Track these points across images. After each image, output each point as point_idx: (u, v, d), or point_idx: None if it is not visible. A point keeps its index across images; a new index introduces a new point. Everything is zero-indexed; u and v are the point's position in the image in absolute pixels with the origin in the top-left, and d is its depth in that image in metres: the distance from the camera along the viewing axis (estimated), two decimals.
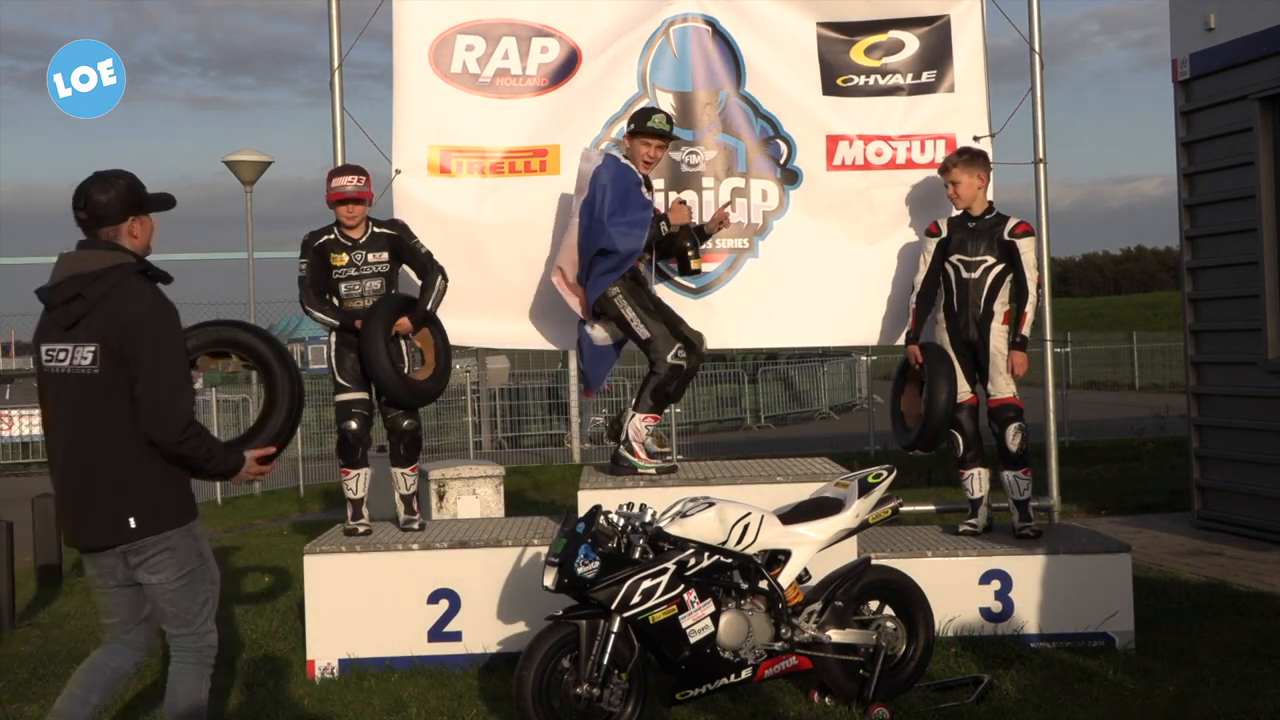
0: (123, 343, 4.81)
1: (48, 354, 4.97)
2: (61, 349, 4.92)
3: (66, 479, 5.00)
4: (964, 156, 7.84)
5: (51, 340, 4.96)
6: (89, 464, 4.92)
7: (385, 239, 7.84)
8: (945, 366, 7.72)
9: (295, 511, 16.27)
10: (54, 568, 11.00)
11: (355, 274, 7.78)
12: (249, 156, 20.47)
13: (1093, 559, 7.52)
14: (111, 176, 5.00)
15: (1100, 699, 6.33)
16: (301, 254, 7.79)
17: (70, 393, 4.92)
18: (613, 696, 5.83)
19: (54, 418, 5.01)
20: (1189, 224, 11.57)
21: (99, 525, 4.94)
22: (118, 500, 4.90)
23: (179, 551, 5.01)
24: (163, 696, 5.40)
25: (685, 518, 6.10)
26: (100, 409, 4.87)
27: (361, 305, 7.77)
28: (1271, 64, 10.46)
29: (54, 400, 5.00)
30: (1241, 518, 10.95)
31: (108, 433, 4.88)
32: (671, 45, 8.50)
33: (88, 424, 4.90)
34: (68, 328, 4.89)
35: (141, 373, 4.81)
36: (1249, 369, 10.88)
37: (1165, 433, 18.27)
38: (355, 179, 7.75)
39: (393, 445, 8.00)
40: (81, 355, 4.87)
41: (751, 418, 27.21)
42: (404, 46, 8.49)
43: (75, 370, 4.89)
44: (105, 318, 4.83)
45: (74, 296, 4.86)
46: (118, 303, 4.84)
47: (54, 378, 4.97)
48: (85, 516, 4.97)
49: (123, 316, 4.82)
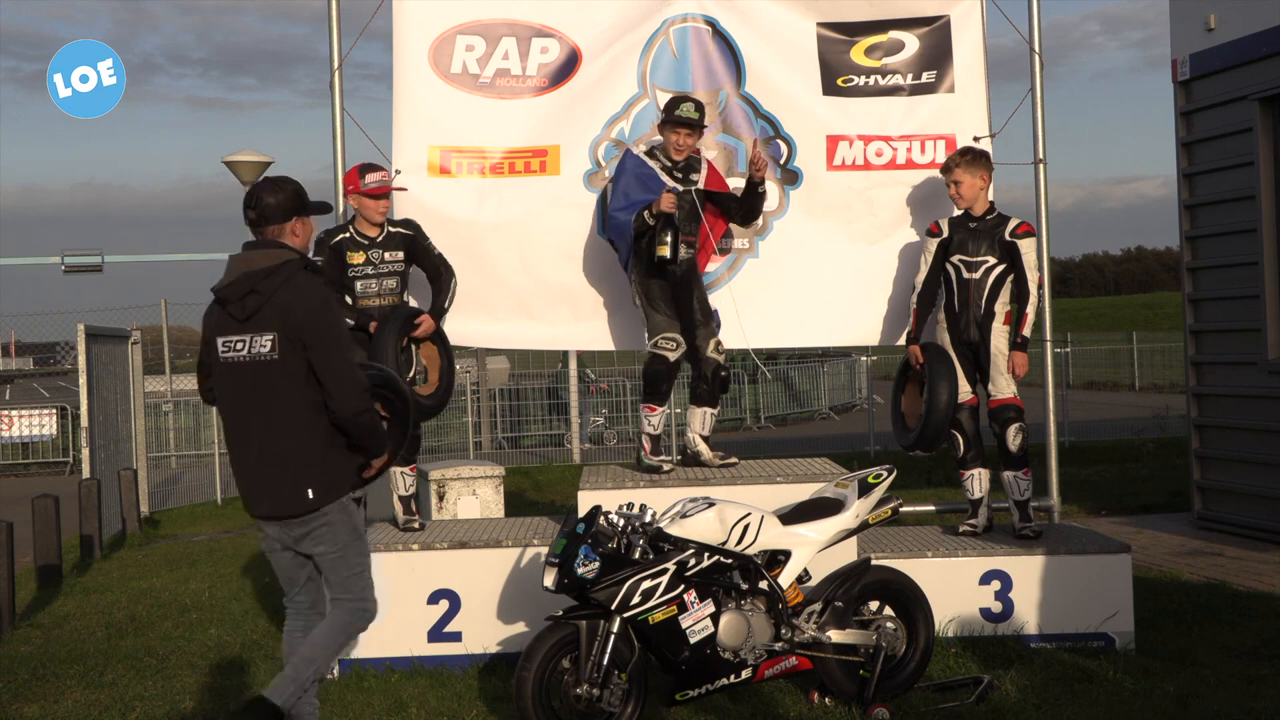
0: (300, 331, 5.32)
1: (224, 345, 5.44)
2: (239, 340, 5.40)
3: (245, 456, 5.50)
4: (966, 156, 7.83)
5: (227, 333, 5.42)
6: (268, 441, 5.42)
7: (401, 238, 7.86)
8: (946, 367, 7.71)
9: None
10: (54, 568, 11.00)
11: (373, 272, 7.79)
12: (249, 157, 20.44)
13: (1093, 559, 7.52)
14: (280, 181, 5.60)
15: (1100, 699, 6.33)
16: (315, 252, 7.77)
17: (248, 378, 5.40)
18: (613, 697, 5.84)
19: (231, 402, 5.50)
20: (1189, 224, 11.57)
21: (278, 497, 5.44)
22: (295, 474, 5.40)
23: (335, 526, 5.49)
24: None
25: (685, 518, 6.10)
26: (278, 391, 5.37)
27: (377, 304, 7.79)
28: (1271, 64, 10.45)
29: (231, 386, 5.48)
30: (1242, 518, 10.94)
31: (285, 412, 5.38)
32: (671, 45, 8.51)
33: (266, 405, 5.39)
34: (244, 320, 5.37)
35: (319, 356, 5.34)
36: (1249, 369, 10.87)
37: (1165, 433, 18.28)
38: (387, 174, 7.81)
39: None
40: (260, 344, 5.36)
41: (751, 418, 27.21)
42: (404, 47, 8.49)
43: (254, 358, 5.38)
44: (279, 309, 5.32)
45: (249, 292, 5.35)
46: (289, 295, 5.34)
47: (231, 366, 5.44)
48: (264, 489, 5.47)
49: (296, 307, 5.33)
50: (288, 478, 5.40)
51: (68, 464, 22.55)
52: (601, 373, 26.61)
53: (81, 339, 13.59)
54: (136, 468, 15.36)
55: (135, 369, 15.89)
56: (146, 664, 7.77)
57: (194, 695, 7.03)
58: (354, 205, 7.81)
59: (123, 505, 14.21)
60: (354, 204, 7.80)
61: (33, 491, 12.45)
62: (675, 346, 7.75)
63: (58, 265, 26.87)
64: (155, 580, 10.82)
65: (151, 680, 7.40)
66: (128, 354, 15.68)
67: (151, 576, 11.06)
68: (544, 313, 8.51)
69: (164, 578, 10.95)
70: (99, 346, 14.26)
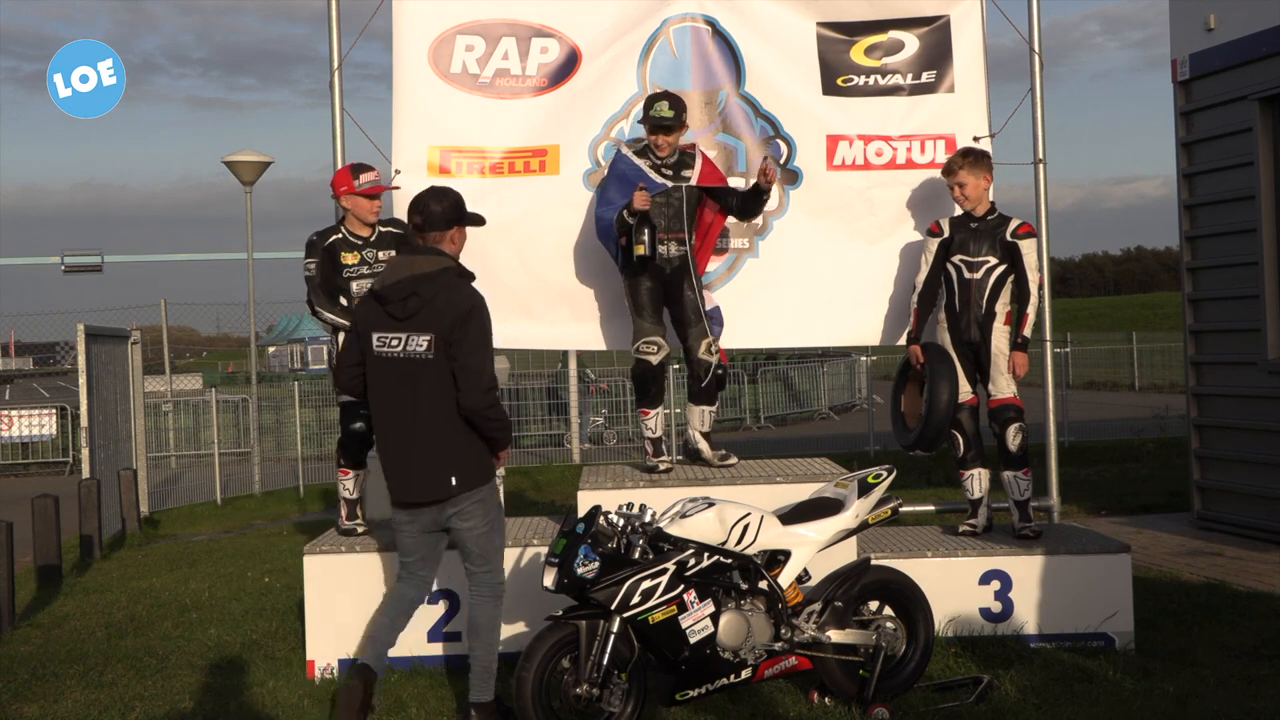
0: (452, 332, 5.85)
1: (379, 340, 5.97)
2: (395, 337, 5.93)
3: (393, 445, 6.03)
4: (969, 158, 7.82)
5: (384, 330, 5.95)
6: (417, 432, 5.93)
7: (392, 237, 7.85)
8: (946, 367, 7.71)
9: (295, 512, 16.27)
10: (54, 568, 11.01)
11: (368, 272, 7.78)
12: (249, 157, 20.44)
13: (1092, 559, 7.52)
14: (444, 191, 6.21)
15: (1100, 699, 6.33)
16: (308, 254, 7.75)
17: (401, 374, 5.93)
18: (612, 697, 5.84)
19: (382, 395, 6.01)
20: (1189, 224, 11.57)
21: (426, 483, 5.98)
22: (442, 462, 5.94)
23: (487, 504, 6.09)
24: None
25: (685, 518, 6.10)
26: (430, 388, 5.89)
27: None
28: (1271, 64, 10.45)
29: (383, 380, 5.99)
30: (1241, 518, 10.94)
31: (435, 407, 5.90)
32: (671, 45, 8.50)
33: (418, 400, 5.91)
34: (403, 320, 5.90)
35: (461, 354, 5.86)
36: (1249, 369, 10.87)
37: (1165, 433, 18.28)
38: (379, 174, 7.84)
39: None
40: (417, 343, 5.89)
41: (751, 418, 27.21)
42: (403, 47, 8.49)
43: (409, 355, 5.91)
44: (438, 312, 5.88)
45: (411, 294, 5.88)
46: (448, 300, 5.90)
47: (384, 361, 5.97)
48: (414, 475, 5.99)
49: (452, 311, 5.89)
50: (435, 466, 5.93)
51: (67, 464, 22.56)
52: (601, 372, 26.62)
53: (81, 339, 13.60)
54: (136, 468, 15.37)
55: (135, 369, 15.89)
56: (146, 664, 7.76)
57: (194, 695, 7.03)
58: (346, 206, 7.78)
59: (122, 505, 14.21)
60: (346, 204, 7.77)
61: (32, 491, 12.45)
62: (656, 350, 7.76)
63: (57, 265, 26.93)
64: (155, 580, 10.82)
65: (151, 680, 7.39)
66: (127, 354, 15.68)
67: (151, 576, 11.06)
68: (544, 312, 8.50)
69: (164, 578, 10.95)
70: (99, 346, 14.26)
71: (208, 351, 53.84)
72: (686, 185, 7.79)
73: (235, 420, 22.55)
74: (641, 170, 7.72)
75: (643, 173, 7.71)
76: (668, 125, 7.66)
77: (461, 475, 5.97)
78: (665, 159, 7.76)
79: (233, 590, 10.10)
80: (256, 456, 19.07)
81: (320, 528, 9.44)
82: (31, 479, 21.78)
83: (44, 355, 46.71)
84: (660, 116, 7.65)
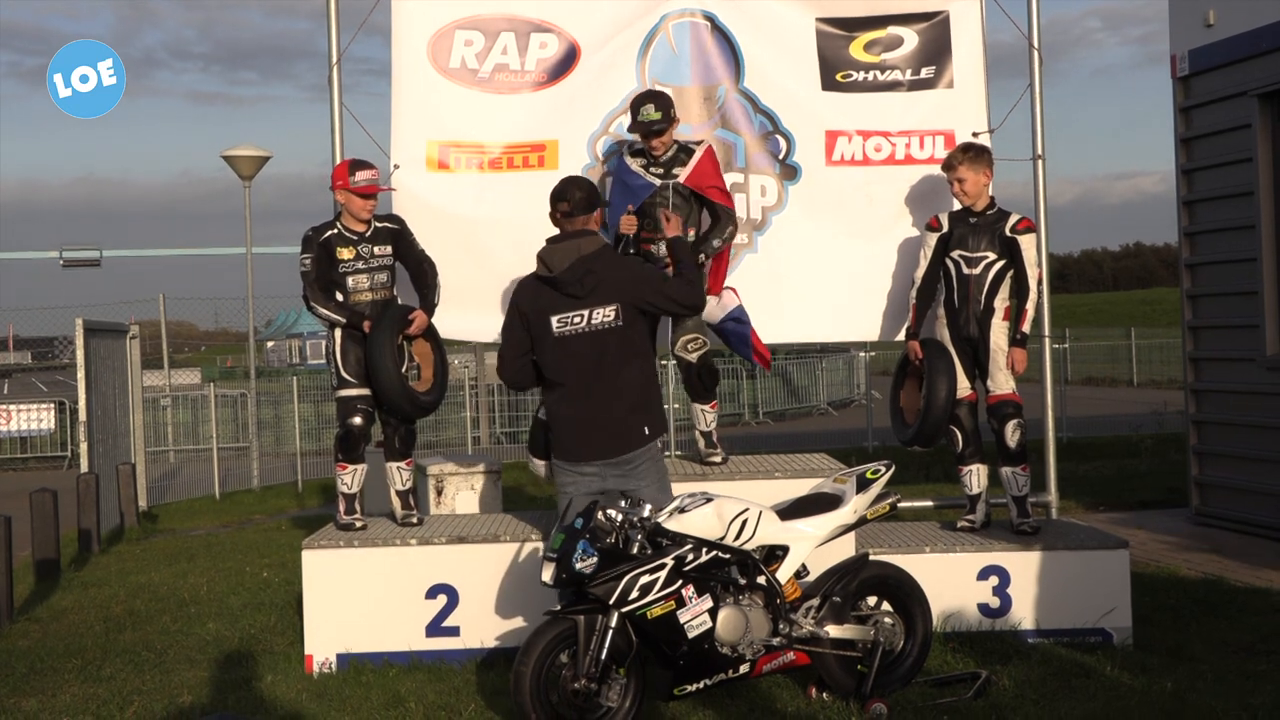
0: (639, 299, 6.43)
1: (560, 321, 6.40)
2: (577, 315, 6.39)
3: (585, 409, 6.44)
4: (969, 154, 7.79)
5: (563, 310, 6.39)
6: (609, 394, 6.41)
7: (388, 232, 7.86)
8: (945, 362, 7.71)
9: (293, 507, 16.28)
10: (52, 562, 11.01)
11: (364, 267, 7.79)
12: (247, 151, 20.44)
13: (1090, 555, 7.52)
14: (580, 180, 6.78)
15: (1097, 695, 6.33)
16: (303, 249, 7.75)
17: (588, 345, 6.39)
18: (610, 691, 5.84)
19: (568, 368, 6.44)
20: (1188, 220, 11.58)
21: (624, 436, 6.45)
22: (636, 415, 6.46)
23: (657, 461, 6.60)
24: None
25: (683, 513, 6.10)
26: (616, 351, 6.39)
27: (369, 298, 7.78)
28: (1270, 60, 10.46)
29: (568, 354, 6.42)
30: (1239, 514, 10.95)
31: (627, 367, 6.42)
32: (670, 40, 8.50)
33: (604, 365, 6.39)
34: (584, 296, 6.36)
35: (664, 298, 6.53)
36: (1247, 365, 10.88)
37: (1163, 429, 18.28)
38: (377, 173, 7.83)
39: (388, 439, 7.99)
40: (603, 315, 6.38)
41: (750, 413, 27.21)
42: (402, 42, 8.48)
43: (594, 328, 6.38)
44: (616, 285, 6.40)
45: (586, 272, 6.35)
46: (619, 272, 6.48)
47: (569, 339, 6.41)
48: (612, 432, 6.44)
49: (627, 280, 6.46)
50: (627, 420, 6.42)
51: (66, 458, 22.56)
52: None
53: (80, 333, 13.59)
54: (135, 462, 15.37)
55: (133, 363, 15.89)
56: (144, 658, 7.77)
57: (192, 689, 7.03)
58: (341, 201, 7.80)
59: (121, 500, 14.21)
60: (341, 199, 7.79)
61: (31, 486, 12.46)
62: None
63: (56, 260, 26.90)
64: (153, 574, 10.83)
65: (149, 674, 7.40)
66: (126, 348, 15.68)
67: (149, 571, 11.06)
68: None
69: (162, 572, 10.95)
70: (97, 341, 14.26)
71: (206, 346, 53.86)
72: (674, 184, 7.70)
73: (234, 415, 22.57)
74: (637, 173, 7.69)
75: (638, 175, 7.68)
76: (658, 130, 7.62)
77: (651, 425, 6.51)
78: (659, 156, 7.74)
79: (231, 585, 10.10)
80: (255, 451, 19.08)
81: (319, 522, 9.45)
82: (30, 473, 21.78)
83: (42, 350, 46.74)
84: (649, 121, 7.57)
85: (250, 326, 21.96)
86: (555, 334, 6.40)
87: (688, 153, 7.76)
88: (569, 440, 6.52)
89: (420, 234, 7.97)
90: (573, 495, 6.44)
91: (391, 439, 7.97)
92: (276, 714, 6.47)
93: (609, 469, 6.45)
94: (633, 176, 7.72)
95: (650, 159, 7.72)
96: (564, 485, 6.58)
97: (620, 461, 6.43)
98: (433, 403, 8.02)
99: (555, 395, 6.55)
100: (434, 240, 8.05)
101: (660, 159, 7.71)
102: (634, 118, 7.66)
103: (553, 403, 6.59)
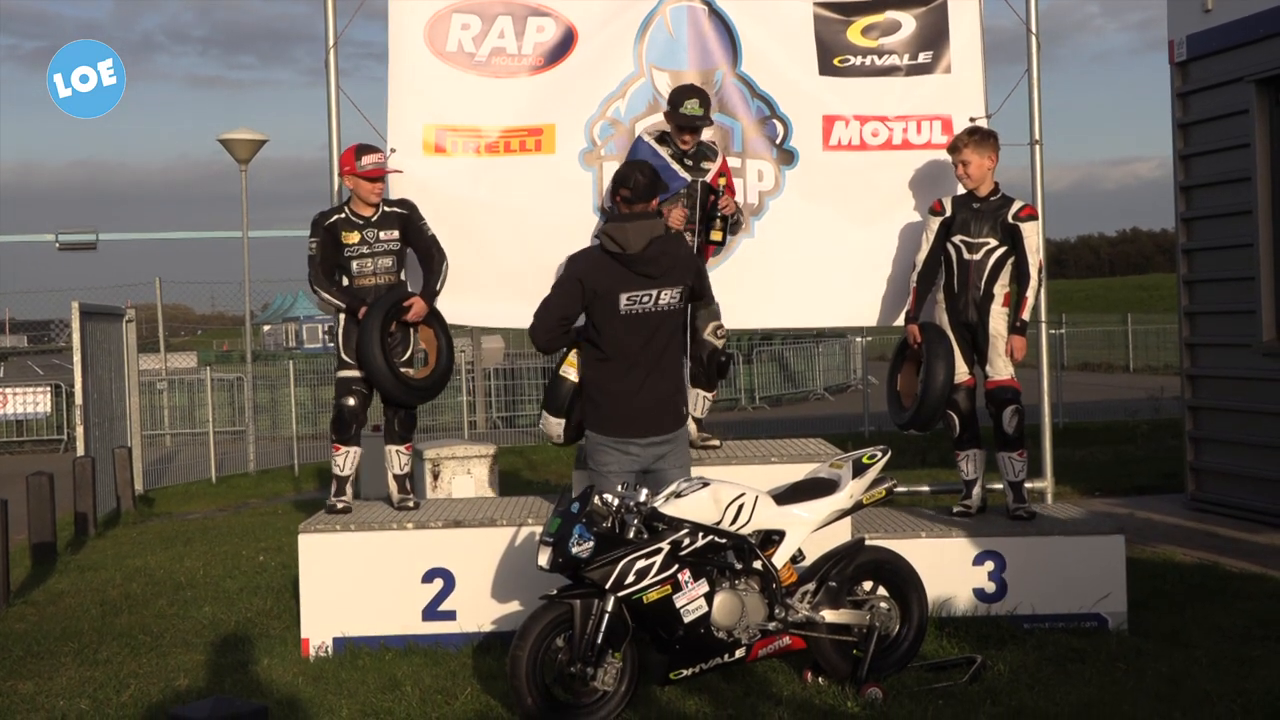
0: (696, 280, 6.73)
1: (629, 299, 6.48)
2: (645, 294, 6.49)
3: (633, 388, 6.53)
4: (975, 136, 7.76)
5: (634, 289, 6.47)
6: (658, 374, 6.57)
7: (396, 217, 7.87)
8: (944, 347, 7.69)
9: (290, 490, 16.29)
10: (48, 546, 11.01)
11: (368, 251, 7.81)
12: (244, 135, 20.38)
13: (1086, 540, 7.53)
14: (642, 165, 6.93)
15: (1093, 679, 6.35)
16: (311, 233, 7.82)
17: (647, 325, 6.51)
18: (606, 676, 5.85)
19: (624, 347, 6.52)
20: (1185, 206, 11.57)
21: (670, 415, 6.63)
22: (679, 395, 6.73)
23: (685, 441, 6.81)
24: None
25: (680, 498, 6.10)
26: (667, 332, 6.60)
27: (373, 283, 7.80)
28: (1268, 46, 10.44)
29: (628, 333, 6.51)
30: (1235, 499, 10.97)
31: (670, 349, 6.63)
32: (668, 24, 8.48)
33: (667, 345, 6.60)
34: (658, 276, 6.48)
35: (702, 285, 6.87)
36: (1243, 351, 10.89)
37: (1159, 414, 18.31)
38: (383, 156, 7.85)
39: (388, 422, 8.01)
40: (670, 296, 6.54)
41: (746, 398, 27.22)
42: (399, 25, 8.45)
43: (661, 308, 6.53)
44: (683, 267, 6.62)
45: (661, 253, 6.50)
46: (685, 255, 6.78)
47: (635, 317, 6.50)
48: (651, 413, 6.57)
49: (691, 264, 6.75)
50: (670, 401, 6.61)
51: (62, 441, 22.55)
52: None
53: (76, 317, 13.58)
54: (131, 445, 15.37)
55: (130, 347, 15.89)
56: (141, 641, 7.78)
57: (188, 673, 7.04)
58: (349, 186, 7.81)
59: (117, 483, 14.22)
60: (349, 185, 7.81)
61: (27, 469, 12.46)
62: None
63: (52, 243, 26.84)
64: (150, 558, 10.83)
65: (146, 658, 7.41)
66: (122, 332, 15.67)
67: (146, 554, 11.07)
68: (539, 292, 8.40)
69: (158, 555, 10.96)
70: (93, 324, 14.25)
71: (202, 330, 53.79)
72: (702, 180, 7.78)
73: (230, 399, 22.57)
74: (666, 162, 7.69)
75: (667, 165, 7.68)
76: (699, 126, 7.64)
77: (686, 406, 6.84)
78: (686, 150, 7.75)
79: (227, 568, 10.11)
80: (251, 435, 19.08)
81: (315, 506, 9.46)
82: (26, 456, 21.78)
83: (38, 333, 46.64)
84: (691, 115, 7.60)
85: (247, 310, 21.94)
86: (622, 311, 6.46)
87: (710, 150, 7.87)
88: (620, 415, 6.54)
89: None
90: (611, 472, 6.48)
91: (391, 422, 7.99)
92: (273, 697, 6.47)
93: (650, 448, 6.54)
94: (668, 171, 7.67)
95: (678, 149, 7.73)
96: (604, 464, 6.55)
97: (664, 440, 6.55)
98: (430, 388, 8.03)
99: (607, 370, 6.54)
100: (430, 225, 8.03)
101: (688, 153, 7.73)
102: (674, 108, 7.65)
103: (603, 377, 6.56)
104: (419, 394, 7.98)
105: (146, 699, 6.59)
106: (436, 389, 8.11)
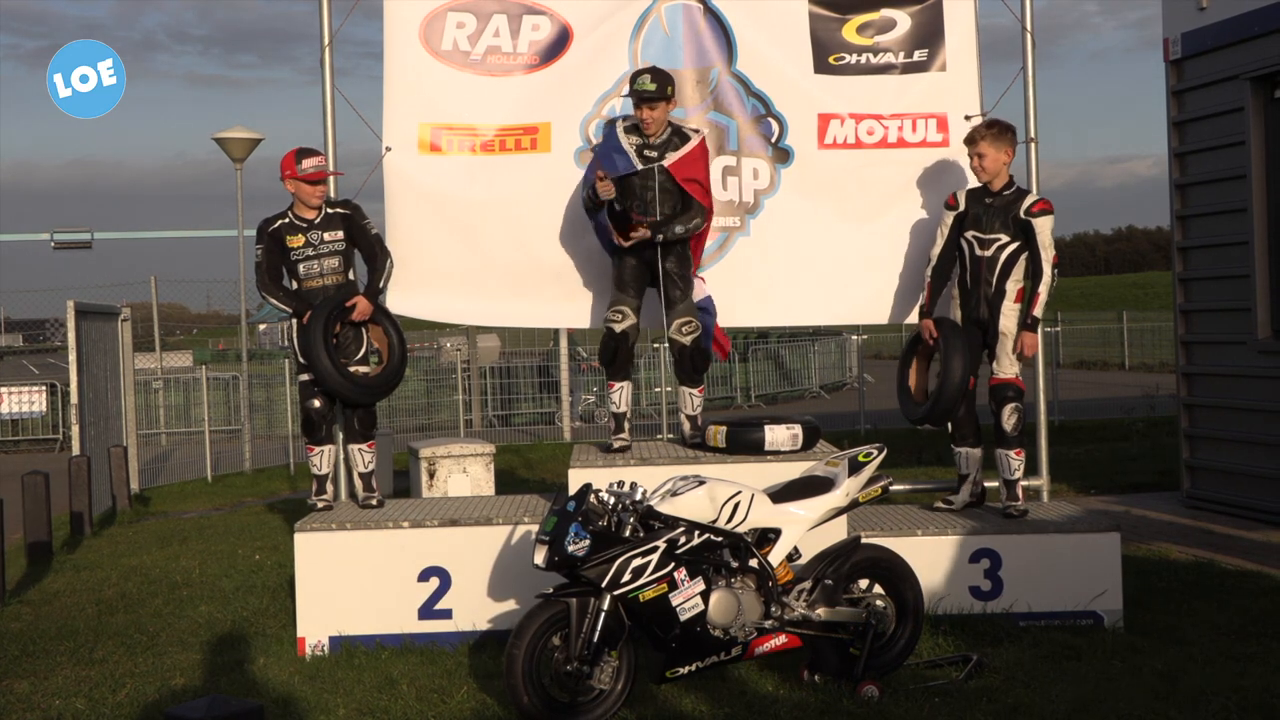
0: None
1: None
2: None
3: None
4: (993, 129, 7.71)
5: None
6: None
7: (339, 218, 7.92)
8: (960, 341, 7.66)
9: (285, 489, 16.27)
10: (44, 545, 11.00)
11: (313, 254, 7.86)
12: (239, 134, 20.35)
13: (1082, 538, 7.54)
14: None
15: (1089, 677, 6.35)
16: (257, 239, 7.95)
17: None
18: (602, 674, 5.85)
19: None
20: (1180, 204, 11.57)
21: None
22: None
23: None
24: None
25: (676, 496, 6.10)
26: None
27: (321, 284, 7.88)
28: (1263, 44, 10.45)
29: None
30: (1230, 497, 10.98)
31: None
32: (663, 23, 8.47)
33: None
34: None
35: None
36: (1239, 348, 10.89)
37: (1155, 412, 18.34)
38: (323, 159, 7.93)
39: (347, 421, 8.04)
40: None
41: (742, 396, 27.21)
42: (395, 24, 8.45)
43: None
44: None
45: None
46: None
47: None
48: None
49: None
50: None
51: (58, 441, 22.53)
52: (593, 351, 26.50)
53: (71, 316, 13.56)
54: (126, 445, 15.35)
55: (125, 346, 15.87)
56: (137, 641, 7.77)
57: (184, 672, 7.03)
58: (290, 190, 7.86)
59: (113, 482, 14.20)
60: (290, 189, 7.86)
61: (23, 468, 12.45)
62: (621, 318, 7.77)
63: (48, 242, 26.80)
64: (145, 557, 10.82)
65: (142, 657, 7.40)
66: (118, 331, 15.65)
67: (142, 553, 11.06)
68: (535, 290, 8.48)
69: (154, 554, 10.95)
70: (89, 323, 14.23)
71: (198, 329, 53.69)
72: (659, 167, 7.67)
73: (226, 397, 22.55)
74: (621, 146, 7.67)
75: (622, 149, 7.66)
76: (650, 97, 7.58)
77: None
78: (652, 137, 7.70)
79: (223, 567, 10.10)
80: (247, 434, 19.05)
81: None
82: (21, 455, 21.75)
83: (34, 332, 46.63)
84: (642, 89, 7.57)
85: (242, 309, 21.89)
86: None
87: (682, 138, 7.72)
88: None
89: (412, 216, 7.97)
90: None
91: (350, 420, 8.03)
92: (269, 696, 6.47)
93: None
94: (620, 153, 7.66)
95: (644, 139, 7.69)
96: None
97: None
98: (381, 385, 8.07)
99: None
100: (425, 223, 8.04)
101: (654, 141, 7.68)
102: (631, 86, 7.66)
103: None
104: (370, 392, 8.01)
105: (142, 698, 6.59)
106: (390, 385, 8.17)
